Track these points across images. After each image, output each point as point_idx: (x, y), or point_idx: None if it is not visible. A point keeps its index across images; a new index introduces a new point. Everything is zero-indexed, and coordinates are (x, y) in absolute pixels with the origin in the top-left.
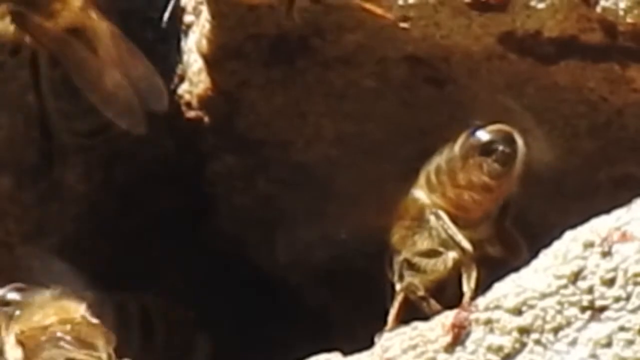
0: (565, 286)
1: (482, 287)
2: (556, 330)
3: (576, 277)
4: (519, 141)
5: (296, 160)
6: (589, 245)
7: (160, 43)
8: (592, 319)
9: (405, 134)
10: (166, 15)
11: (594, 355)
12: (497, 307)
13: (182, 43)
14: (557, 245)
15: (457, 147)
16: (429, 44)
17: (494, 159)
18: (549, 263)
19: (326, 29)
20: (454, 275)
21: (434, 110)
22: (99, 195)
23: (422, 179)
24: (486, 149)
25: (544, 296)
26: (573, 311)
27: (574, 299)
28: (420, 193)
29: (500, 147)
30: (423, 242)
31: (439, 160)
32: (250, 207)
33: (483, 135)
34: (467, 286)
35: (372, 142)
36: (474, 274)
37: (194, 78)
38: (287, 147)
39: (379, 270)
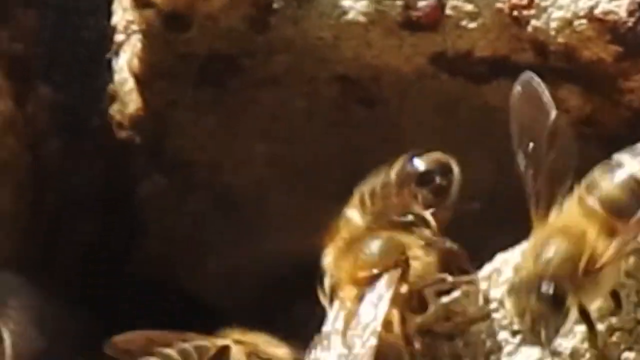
0: (496, 309)
1: None
2: (487, 355)
3: None
4: (456, 171)
5: (227, 181)
6: (520, 268)
7: (92, 62)
8: (523, 343)
9: (335, 155)
10: None
11: None
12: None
13: (114, 62)
14: (488, 268)
15: (393, 173)
16: (360, 64)
17: (429, 190)
18: (480, 286)
19: (256, 50)
20: None
21: (365, 130)
22: (28, 216)
23: (356, 199)
24: (422, 179)
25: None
26: (504, 335)
27: (504, 322)
28: (353, 214)
29: (437, 178)
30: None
31: (375, 183)
32: (180, 229)
33: (420, 164)
34: None
35: (304, 162)
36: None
37: (125, 98)
38: (218, 168)
39: (312, 293)
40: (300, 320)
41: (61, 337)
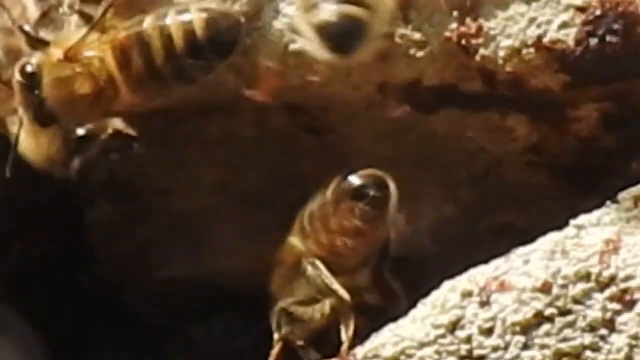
0: (443, 335)
1: (360, 336)
2: None
3: (454, 326)
4: (391, 185)
5: (175, 208)
6: (467, 294)
7: None
8: None
9: (285, 182)
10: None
11: None
12: (376, 357)
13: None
14: (435, 294)
15: (329, 192)
16: (308, 92)
17: (365, 203)
18: (427, 312)
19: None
20: (334, 323)
21: (313, 158)
22: None
23: (296, 226)
24: (358, 194)
25: (422, 345)
26: None
27: (452, 348)
28: (295, 240)
29: (372, 192)
30: (300, 290)
31: (312, 206)
32: (128, 255)
33: (354, 179)
34: (345, 335)
35: (252, 190)
36: (351, 323)
37: None
38: (166, 195)
39: (259, 319)
40: (249, 346)
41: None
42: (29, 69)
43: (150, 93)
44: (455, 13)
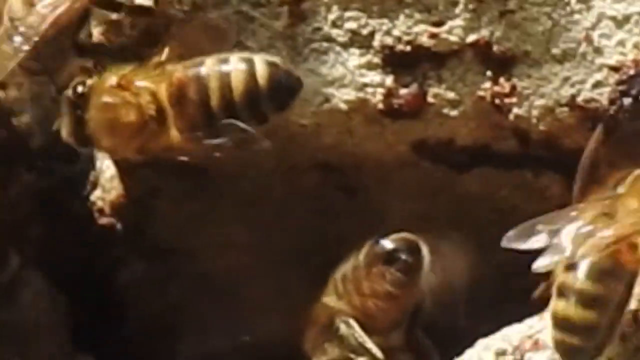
0: None
1: None
2: None
3: None
4: (424, 249)
5: (206, 268)
6: (501, 353)
7: (74, 148)
8: None
9: (316, 242)
10: None
11: None
12: None
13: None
14: (469, 353)
15: (361, 255)
16: (341, 151)
17: (396, 268)
18: None
19: None
20: None
21: (345, 218)
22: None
23: (330, 286)
24: (389, 258)
25: None
26: None
27: None
28: (329, 300)
29: (403, 256)
30: (334, 350)
31: (345, 268)
32: (159, 315)
33: (386, 243)
34: None
35: (283, 249)
36: None
37: (107, 184)
38: (197, 255)
39: None
40: None
41: None
42: (80, 89)
43: (198, 139)
44: (488, 73)
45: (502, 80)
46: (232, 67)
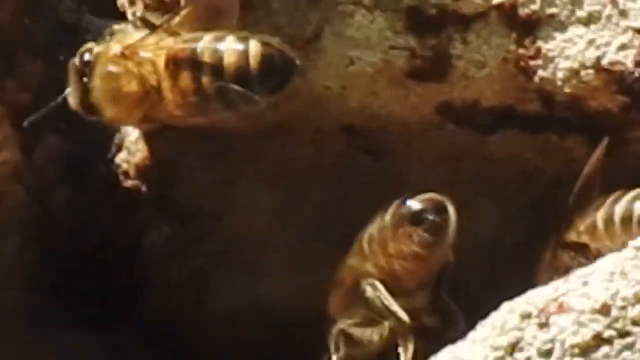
0: (502, 358)
1: (419, 359)
2: None
3: (513, 348)
4: (451, 210)
5: (233, 231)
6: (526, 316)
7: None
8: None
9: (341, 205)
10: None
11: None
12: None
13: None
14: (494, 316)
15: (388, 216)
16: (366, 114)
17: (424, 229)
18: (486, 334)
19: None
20: (393, 346)
21: (371, 181)
22: (35, 266)
23: (356, 248)
24: (416, 219)
25: None
26: None
27: None
28: (354, 262)
29: (431, 217)
30: (359, 312)
31: (372, 229)
32: (185, 278)
33: (413, 204)
34: (404, 357)
35: (309, 212)
36: (411, 345)
37: (132, 147)
38: (224, 218)
39: (317, 343)
40: None
41: None
42: (86, 57)
43: (192, 109)
44: (513, 35)
45: (527, 42)
46: (226, 47)
